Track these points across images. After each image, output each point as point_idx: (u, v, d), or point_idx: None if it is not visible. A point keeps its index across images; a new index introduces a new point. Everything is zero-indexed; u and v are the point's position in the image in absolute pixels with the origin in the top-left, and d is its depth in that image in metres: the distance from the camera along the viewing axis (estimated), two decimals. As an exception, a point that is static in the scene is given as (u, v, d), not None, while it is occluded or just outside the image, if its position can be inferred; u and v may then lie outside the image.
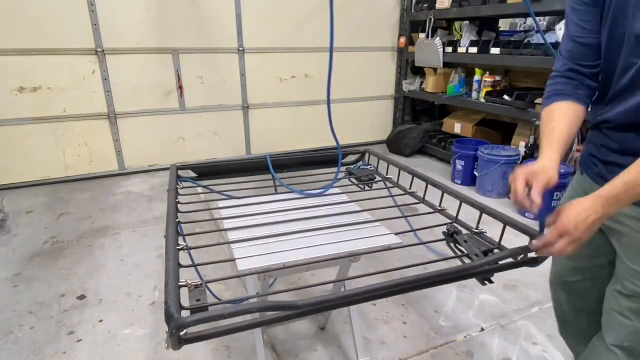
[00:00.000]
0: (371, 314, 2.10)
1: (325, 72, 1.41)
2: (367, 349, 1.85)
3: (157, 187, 3.85)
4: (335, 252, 1.17)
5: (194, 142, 4.44)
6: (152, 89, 4.10)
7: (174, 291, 0.80)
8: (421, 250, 2.65)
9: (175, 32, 4.02)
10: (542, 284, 2.36)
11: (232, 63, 4.37)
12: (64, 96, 3.75)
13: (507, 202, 3.53)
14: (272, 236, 1.24)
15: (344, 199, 1.59)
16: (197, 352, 1.83)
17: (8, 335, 1.91)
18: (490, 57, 3.89)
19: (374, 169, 1.74)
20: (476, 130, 4.44)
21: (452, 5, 4.23)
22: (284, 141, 4.86)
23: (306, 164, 1.83)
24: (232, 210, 1.47)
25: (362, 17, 4.83)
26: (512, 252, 0.98)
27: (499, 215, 1.12)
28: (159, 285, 2.34)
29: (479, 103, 4.09)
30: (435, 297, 2.23)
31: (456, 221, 1.25)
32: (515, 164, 3.54)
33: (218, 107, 4.44)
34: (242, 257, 1.13)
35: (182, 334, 0.73)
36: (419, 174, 1.47)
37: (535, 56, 3.45)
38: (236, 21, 4.24)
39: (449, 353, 1.86)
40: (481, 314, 2.11)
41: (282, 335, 1.96)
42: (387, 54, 5.18)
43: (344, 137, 5.64)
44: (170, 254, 0.95)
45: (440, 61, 4.34)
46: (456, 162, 3.96)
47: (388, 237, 1.27)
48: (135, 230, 3.00)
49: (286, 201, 1.54)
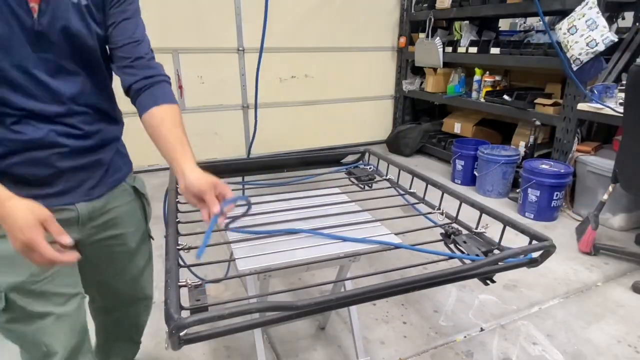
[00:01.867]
0: (371, 314, 2.10)
1: (326, 72, 1.43)
2: (367, 349, 1.85)
3: (157, 187, 3.85)
4: (335, 252, 1.17)
5: (194, 142, 4.39)
6: (152, 89, 4.10)
7: (174, 291, 0.80)
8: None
9: (175, 32, 4.02)
10: (542, 284, 2.37)
11: (232, 63, 4.37)
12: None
13: (507, 202, 3.53)
14: (272, 236, 1.24)
15: (344, 199, 1.58)
16: (197, 352, 1.83)
17: (8, 335, 1.91)
18: (490, 57, 3.89)
19: (374, 169, 1.74)
20: (476, 130, 4.44)
21: (452, 5, 4.23)
22: (284, 141, 4.86)
23: (306, 164, 1.83)
24: (232, 210, 1.46)
25: (362, 17, 4.83)
26: (513, 253, 0.98)
27: (499, 215, 1.12)
28: (159, 285, 2.33)
29: (479, 103, 4.09)
30: (435, 297, 2.23)
31: (456, 221, 1.25)
32: (515, 163, 3.54)
33: (218, 107, 4.44)
34: (242, 257, 1.13)
35: (181, 334, 0.73)
36: (419, 174, 1.47)
37: (535, 56, 3.45)
38: (236, 21, 4.24)
39: (449, 353, 1.86)
40: (481, 314, 2.11)
41: (282, 335, 1.96)
42: (387, 54, 5.18)
43: (344, 137, 5.65)
44: (170, 254, 0.95)
45: (440, 61, 4.34)
46: (456, 162, 3.96)
47: (388, 237, 1.27)
48: (135, 230, 2.99)
49: (286, 201, 1.54)
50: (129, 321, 1.45)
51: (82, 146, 1.03)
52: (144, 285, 1.37)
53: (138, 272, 1.31)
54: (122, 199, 1.19)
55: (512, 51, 3.67)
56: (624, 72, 3.11)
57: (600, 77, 3.20)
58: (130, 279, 1.30)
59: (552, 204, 3.11)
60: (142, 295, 1.39)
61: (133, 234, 1.24)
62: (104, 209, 1.13)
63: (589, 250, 2.66)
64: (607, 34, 2.84)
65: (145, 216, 1.31)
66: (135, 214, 1.25)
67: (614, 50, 3.17)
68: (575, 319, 2.08)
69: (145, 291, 1.38)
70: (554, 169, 3.11)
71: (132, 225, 1.23)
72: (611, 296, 2.26)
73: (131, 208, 1.22)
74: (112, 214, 1.15)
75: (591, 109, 3.03)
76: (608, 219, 3.04)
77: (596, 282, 2.40)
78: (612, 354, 1.85)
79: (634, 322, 2.06)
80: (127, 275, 1.28)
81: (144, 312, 1.47)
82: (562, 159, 3.31)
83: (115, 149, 1.17)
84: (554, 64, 3.22)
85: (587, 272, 2.49)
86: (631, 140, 2.37)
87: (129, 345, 1.56)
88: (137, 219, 1.26)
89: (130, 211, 1.22)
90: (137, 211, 1.26)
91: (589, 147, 3.19)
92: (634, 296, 2.26)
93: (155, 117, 1.06)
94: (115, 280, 1.28)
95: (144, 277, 1.35)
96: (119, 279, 1.28)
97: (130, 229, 1.23)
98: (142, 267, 1.32)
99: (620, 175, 2.47)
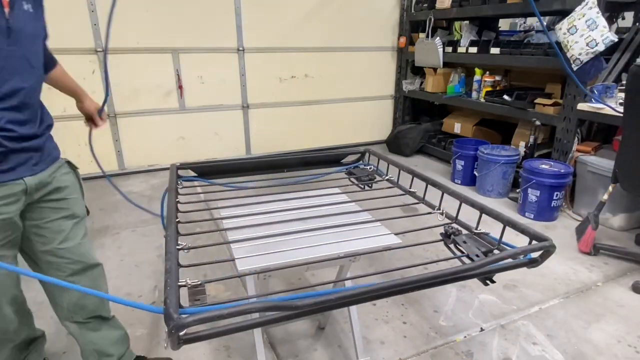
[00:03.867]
0: (371, 314, 2.10)
1: (326, 72, 1.44)
2: (367, 349, 1.85)
3: (157, 187, 3.85)
4: (335, 252, 1.17)
5: (194, 142, 4.44)
6: (152, 89, 4.10)
7: (173, 291, 0.80)
8: (421, 250, 2.65)
9: (175, 32, 4.02)
10: (542, 284, 2.37)
11: (232, 63, 4.37)
12: (64, 96, 3.69)
13: (507, 202, 3.53)
14: (272, 236, 1.24)
15: (344, 199, 1.58)
16: (197, 352, 1.83)
17: (8, 335, 1.91)
18: (490, 57, 3.89)
19: (374, 169, 1.74)
20: (476, 130, 4.44)
21: (452, 5, 4.23)
22: (284, 141, 4.86)
23: (306, 164, 1.83)
24: (232, 210, 1.47)
25: (362, 17, 4.83)
26: (513, 253, 0.98)
27: (499, 215, 1.12)
28: (159, 285, 2.34)
29: (479, 103, 4.09)
30: (435, 297, 2.23)
31: (456, 221, 1.24)
32: (515, 163, 3.54)
33: (218, 107, 4.44)
34: (242, 257, 1.13)
35: (181, 334, 0.73)
36: (419, 174, 1.47)
37: (535, 56, 3.45)
38: (236, 21, 4.24)
39: (449, 353, 1.86)
40: (481, 314, 2.11)
41: (282, 335, 1.96)
42: (387, 54, 5.18)
43: (344, 137, 5.67)
44: (170, 254, 0.95)
45: (440, 61, 4.34)
46: (456, 162, 3.96)
47: (388, 237, 1.27)
48: (135, 230, 3.00)
49: (286, 201, 1.54)
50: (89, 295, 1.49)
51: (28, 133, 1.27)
52: (89, 252, 1.49)
53: (80, 239, 1.45)
54: (62, 170, 1.41)
55: (512, 51, 3.67)
56: (624, 72, 3.11)
57: (600, 77, 3.20)
58: (74, 245, 1.43)
59: (552, 204, 3.11)
60: (91, 262, 1.49)
61: (75, 200, 1.44)
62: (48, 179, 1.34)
63: (589, 250, 2.66)
64: (607, 34, 2.84)
65: (81, 189, 1.52)
66: (75, 184, 1.46)
67: (614, 50, 3.18)
68: (575, 319, 2.08)
69: (91, 257, 1.50)
70: (554, 169, 3.11)
71: (74, 192, 1.44)
72: (611, 296, 2.26)
73: (70, 177, 1.45)
74: (55, 183, 1.36)
75: (591, 109, 3.03)
76: (608, 219, 3.04)
77: (596, 282, 2.40)
78: (612, 354, 1.85)
79: (634, 322, 2.06)
80: (72, 242, 1.42)
81: (101, 282, 1.55)
82: (562, 159, 3.31)
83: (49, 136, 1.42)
84: (554, 64, 3.22)
85: (587, 272, 2.49)
86: (631, 140, 2.37)
87: (107, 327, 1.59)
88: (77, 189, 1.47)
89: (70, 180, 1.44)
90: (75, 182, 1.47)
91: (589, 147, 3.19)
92: (634, 296, 2.26)
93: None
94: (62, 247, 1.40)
95: (86, 244, 1.49)
96: (65, 246, 1.40)
97: (73, 195, 1.43)
98: (82, 235, 1.47)
99: (620, 175, 2.47)
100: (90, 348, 1.55)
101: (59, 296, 1.47)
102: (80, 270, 1.46)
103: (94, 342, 1.54)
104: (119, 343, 1.61)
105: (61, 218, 1.39)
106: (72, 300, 1.46)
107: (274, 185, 1.70)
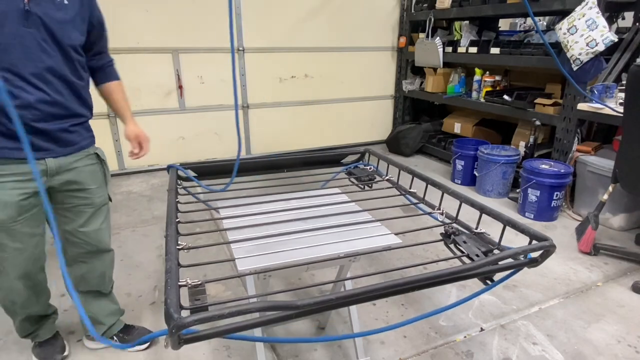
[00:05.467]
0: (371, 314, 2.10)
1: (326, 72, 1.45)
2: (367, 349, 1.85)
3: (157, 187, 3.85)
4: (335, 252, 1.17)
5: (194, 142, 4.44)
6: (152, 89, 4.10)
7: (173, 291, 0.80)
8: (421, 250, 2.65)
9: (175, 32, 4.02)
10: (542, 284, 2.37)
11: (232, 63, 4.36)
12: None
13: (507, 202, 3.53)
14: (272, 236, 1.24)
15: (344, 199, 1.59)
16: (197, 352, 1.83)
17: (8, 335, 1.91)
18: (490, 57, 3.89)
19: (374, 169, 1.74)
20: (476, 130, 4.44)
21: (452, 5, 4.23)
22: (284, 141, 4.86)
23: (306, 164, 1.83)
24: (232, 210, 1.47)
25: (362, 17, 4.83)
26: (513, 253, 0.98)
27: (499, 215, 1.12)
28: (159, 285, 2.34)
29: (479, 103, 4.09)
30: (435, 297, 2.23)
31: (456, 221, 1.25)
32: (515, 163, 3.54)
33: (218, 107, 4.44)
34: (242, 257, 1.13)
35: (181, 334, 0.73)
36: (419, 174, 1.47)
37: (535, 56, 3.45)
38: (236, 21, 4.24)
39: (449, 353, 1.86)
40: (481, 314, 2.11)
41: (282, 335, 1.96)
42: (387, 54, 5.18)
43: (343, 137, 5.66)
44: (170, 254, 0.95)
45: (440, 61, 4.34)
46: (456, 162, 3.96)
47: (388, 237, 1.27)
48: (135, 230, 3.00)
49: (286, 201, 1.54)
50: (95, 274, 1.70)
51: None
52: (105, 239, 1.66)
53: (99, 225, 1.61)
54: (86, 160, 1.51)
55: (512, 51, 3.67)
56: (624, 72, 3.11)
57: (600, 77, 3.20)
58: (92, 230, 1.59)
59: (552, 204, 3.11)
60: (104, 247, 1.67)
61: (95, 191, 1.55)
62: (70, 167, 1.45)
63: (589, 250, 2.66)
64: (607, 34, 2.84)
65: (106, 179, 1.62)
66: (97, 175, 1.57)
67: (614, 50, 3.17)
68: (575, 319, 2.08)
69: (106, 243, 1.68)
70: (554, 169, 3.11)
71: (94, 182, 1.55)
72: (611, 296, 2.26)
73: (93, 169, 1.54)
74: (75, 173, 1.47)
75: (591, 109, 3.03)
76: (608, 219, 3.04)
77: (596, 282, 2.40)
78: (612, 354, 1.85)
79: (634, 322, 2.06)
80: (91, 227, 1.58)
81: (108, 265, 1.75)
82: (562, 159, 3.31)
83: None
84: (553, 64, 3.22)
85: (587, 272, 2.49)
86: (631, 140, 2.37)
87: (104, 300, 1.80)
88: (99, 180, 1.57)
89: (93, 171, 1.54)
90: (98, 173, 1.57)
91: (589, 147, 3.19)
92: (634, 296, 2.26)
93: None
94: (81, 230, 1.57)
95: (104, 231, 1.65)
96: (84, 229, 1.57)
97: (93, 186, 1.54)
98: (102, 222, 1.62)
99: (620, 175, 2.47)
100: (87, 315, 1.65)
101: (69, 268, 1.65)
102: (94, 252, 1.64)
103: (90, 311, 1.74)
104: (112, 315, 1.82)
105: (82, 205, 1.54)
106: (78, 274, 1.67)
107: (274, 186, 1.70)
